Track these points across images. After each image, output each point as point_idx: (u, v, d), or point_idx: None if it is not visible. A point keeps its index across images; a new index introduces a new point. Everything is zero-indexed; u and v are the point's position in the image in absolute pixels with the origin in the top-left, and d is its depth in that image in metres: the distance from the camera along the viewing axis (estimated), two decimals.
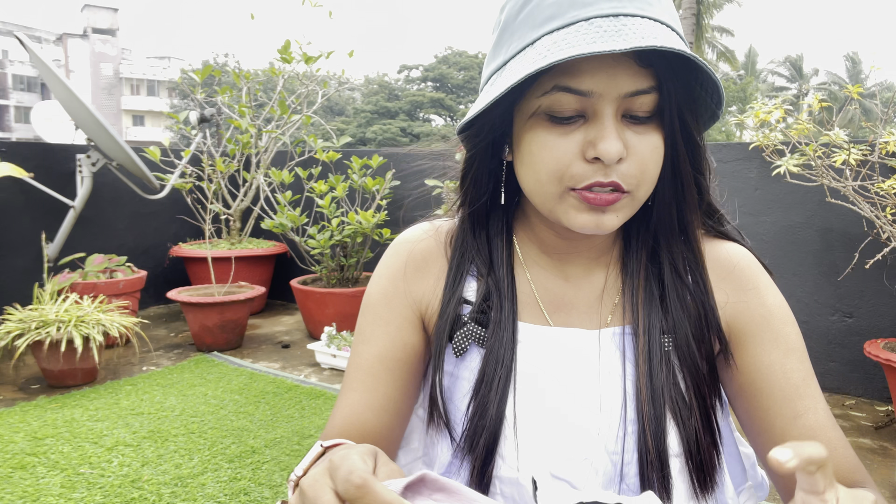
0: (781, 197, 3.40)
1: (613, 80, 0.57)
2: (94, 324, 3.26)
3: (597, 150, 0.58)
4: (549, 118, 0.61)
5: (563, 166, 0.60)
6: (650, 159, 0.61)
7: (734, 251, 0.74)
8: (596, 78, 0.57)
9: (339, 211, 4.49)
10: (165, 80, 50.91)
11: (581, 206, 0.62)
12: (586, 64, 0.57)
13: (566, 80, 0.58)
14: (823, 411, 0.68)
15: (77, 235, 4.55)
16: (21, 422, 2.83)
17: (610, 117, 0.58)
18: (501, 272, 0.74)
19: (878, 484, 2.39)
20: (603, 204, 0.61)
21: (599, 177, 0.59)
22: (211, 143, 5.31)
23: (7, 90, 48.27)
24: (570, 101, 0.59)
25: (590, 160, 0.59)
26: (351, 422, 0.73)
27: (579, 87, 0.58)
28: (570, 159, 0.60)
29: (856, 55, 37.18)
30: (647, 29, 0.55)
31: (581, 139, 0.60)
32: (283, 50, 4.94)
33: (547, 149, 0.61)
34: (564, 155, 0.60)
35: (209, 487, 2.27)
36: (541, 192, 0.64)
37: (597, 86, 0.58)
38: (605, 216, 0.62)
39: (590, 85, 0.58)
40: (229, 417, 2.92)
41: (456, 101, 39.74)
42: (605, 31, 0.54)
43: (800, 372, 0.68)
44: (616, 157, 0.58)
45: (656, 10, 0.57)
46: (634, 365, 0.68)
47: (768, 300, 0.71)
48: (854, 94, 2.92)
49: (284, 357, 3.95)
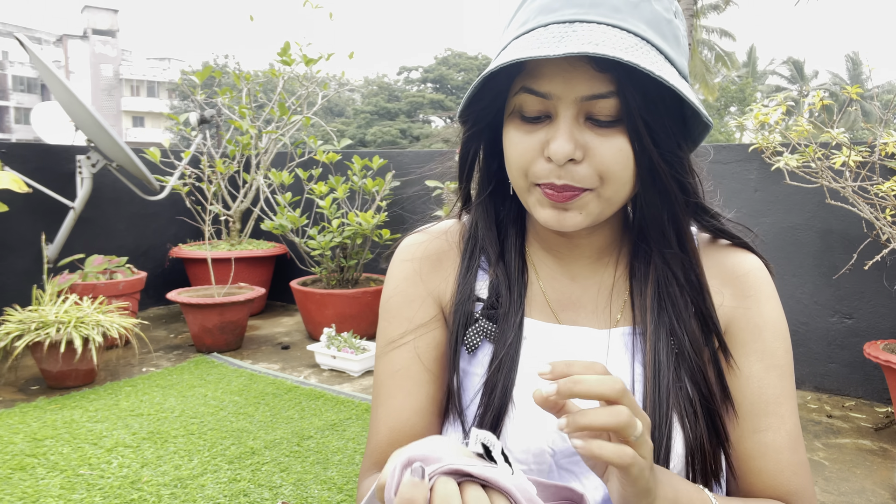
0: (781, 198, 3.41)
1: (569, 83, 0.59)
2: (93, 325, 3.25)
3: (549, 149, 0.61)
4: (521, 117, 0.64)
5: (526, 162, 0.63)
6: (612, 161, 0.61)
7: (746, 261, 0.74)
8: (554, 81, 0.60)
9: (339, 212, 4.49)
10: (165, 82, 50.94)
11: (544, 201, 0.64)
12: (546, 68, 0.60)
13: (530, 82, 0.61)
14: (787, 433, 0.69)
15: (77, 236, 4.56)
16: (20, 423, 2.82)
17: (566, 119, 0.60)
18: (511, 259, 0.75)
19: (878, 485, 2.39)
20: (560, 201, 0.63)
21: (553, 178, 0.62)
22: (211, 145, 5.31)
23: (7, 91, 48.28)
24: (534, 103, 0.62)
25: (546, 158, 0.62)
26: (398, 428, 0.73)
27: (539, 90, 0.61)
28: (532, 156, 0.63)
29: (857, 56, 37.21)
30: (596, 35, 0.55)
31: (542, 138, 0.62)
32: (283, 52, 4.94)
33: (514, 145, 0.64)
34: (527, 152, 0.63)
35: (209, 489, 2.27)
36: (515, 184, 0.67)
37: (554, 89, 0.60)
38: (567, 213, 0.64)
39: (548, 87, 0.60)
40: (229, 419, 2.92)
41: (455, 103, 39.75)
42: (553, 36, 0.56)
43: (776, 389, 0.69)
44: (563, 158, 0.60)
45: (622, 17, 0.58)
46: (642, 365, 0.69)
47: (765, 312, 0.72)
48: (853, 94, 2.92)
49: (284, 358, 3.95)
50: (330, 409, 3.07)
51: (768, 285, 0.74)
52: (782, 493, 0.68)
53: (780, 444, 0.68)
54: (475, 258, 0.77)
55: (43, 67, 3.98)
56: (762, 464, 0.68)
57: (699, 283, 0.71)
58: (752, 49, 38.01)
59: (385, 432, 0.74)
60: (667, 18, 0.61)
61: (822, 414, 3.11)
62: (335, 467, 2.46)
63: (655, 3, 0.60)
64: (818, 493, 2.32)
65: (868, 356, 2.79)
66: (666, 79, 0.55)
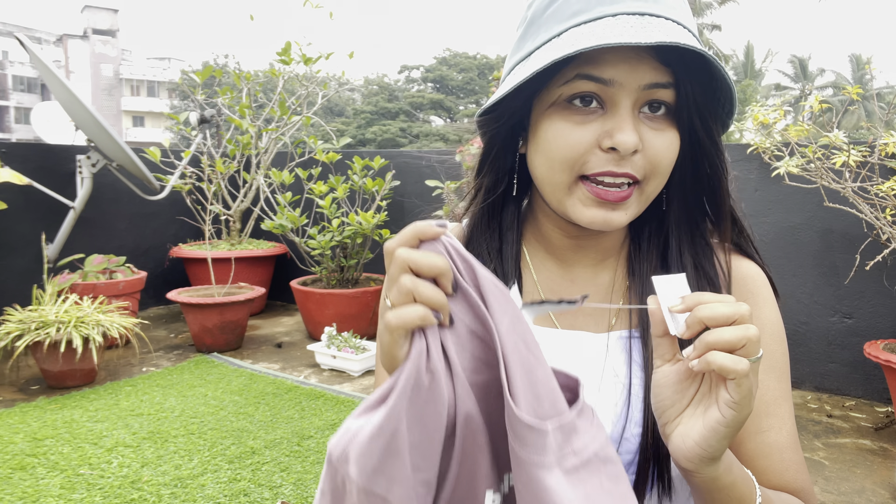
0: (781, 198, 3.41)
1: (634, 71, 0.59)
2: (93, 325, 3.26)
3: (613, 139, 0.59)
4: (569, 107, 0.62)
5: (578, 154, 0.62)
6: (664, 155, 0.62)
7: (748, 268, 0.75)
8: (618, 68, 0.59)
9: (339, 212, 4.49)
10: (165, 81, 50.93)
11: (589, 200, 0.63)
12: (609, 55, 0.59)
13: (588, 68, 0.60)
14: (787, 432, 0.70)
15: (77, 236, 4.55)
16: (21, 423, 2.82)
17: (627, 108, 0.60)
18: (510, 267, 0.74)
19: (878, 485, 2.39)
20: (614, 200, 0.62)
21: (612, 166, 0.61)
22: (211, 144, 5.31)
23: (7, 91, 48.28)
24: (590, 87, 0.61)
25: (605, 150, 0.61)
26: None
27: (601, 76, 0.60)
28: (586, 148, 0.61)
29: (860, 56, 37.14)
30: (670, 29, 0.57)
31: (598, 129, 0.61)
32: (284, 52, 4.94)
33: (563, 136, 0.62)
34: (579, 143, 0.61)
35: (209, 488, 2.27)
36: (552, 180, 0.65)
37: (618, 75, 0.59)
38: (614, 213, 0.63)
39: (611, 74, 0.59)
40: (229, 418, 2.92)
41: (455, 103, 39.77)
42: (630, 26, 0.57)
43: (775, 391, 0.70)
44: (632, 148, 0.59)
45: (678, 14, 0.60)
46: (641, 368, 0.69)
47: (763, 315, 0.72)
48: (854, 94, 2.92)
49: (284, 358, 3.95)
50: (330, 408, 3.07)
51: (766, 289, 0.74)
52: (789, 491, 0.69)
53: (783, 444, 0.69)
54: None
55: (43, 67, 3.98)
56: (767, 463, 0.69)
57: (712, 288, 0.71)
58: (748, 47, 37.90)
59: None
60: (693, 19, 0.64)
61: (823, 414, 3.11)
62: None
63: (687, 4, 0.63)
64: (818, 492, 2.32)
65: (868, 356, 2.79)
66: (728, 76, 0.58)
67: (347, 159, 4.90)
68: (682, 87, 0.61)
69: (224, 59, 40.60)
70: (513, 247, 0.76)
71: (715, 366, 0.49)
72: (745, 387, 0.50)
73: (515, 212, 0.77)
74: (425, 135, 34.91)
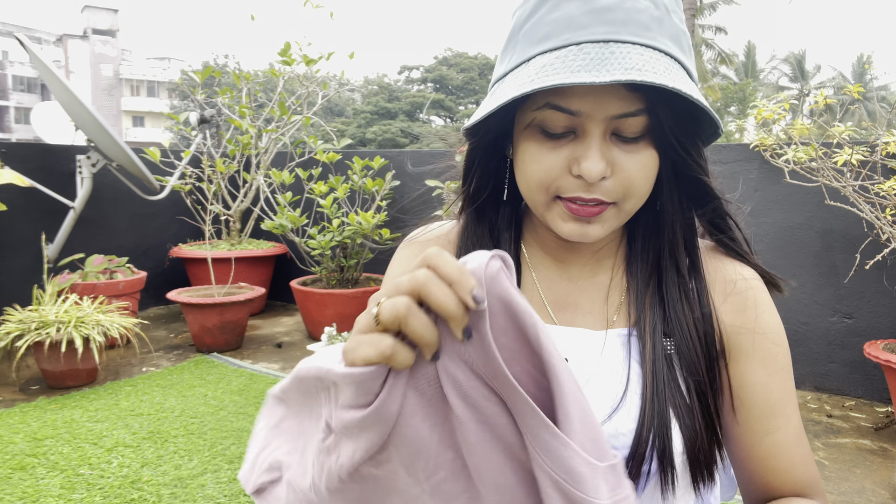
0: (781, 198, 3.40)
1: (601, 103, 0.60)
2: (93, 325, 3.26)
3: (580, 167, 0.61)
4: (542, 132, 0.63)
5: (551, 179, 0.63)
6: (638, 176, 0.63)
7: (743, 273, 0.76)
8: (584, 100, 0.60)
9: (339, 212, 4.49)
10: (165, 81, 50.94)
11: (566, 215, 0.65)
12: (577, 86, 0.59)
13: (557, 99, 0.60)
14: (794, 429, 0.72)
15: (77, 236, 4.56)
16: (21, 423, 2.82)
17: (596, 137, 0.61)
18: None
19: (878, 485, 2.39)
20: (586, 215, 0.64)
21: (581, 192, 0.62)
22: (211, 144, 5.31)
23: (7, 91, 48.30)
24: (560, 119, 0.61)
25: (575, 175, 0.62)
26: None
27: (569, 107, 0.60)
28: (557, 173, 0.63)
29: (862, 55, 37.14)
30: (634, 59, 0.56)
31: (568, 155, 0.62)
32: (284, 52, 4.94)
33: (536, 161, 0.64)
34: (552, 168, 0.63)
35: (209, 488, 2.27)
36: (531, 198, 0.67)
37: (585, 107, 0.60)
38: (590, 226, 0.65)
39: (578, 106, 0.60)
40: (229, 418, 2.92)
41: (455, 103, 39.77)
42: (591, 58, 0.56)
43: (780, 392, 0.72)
44: (597, 177, 0.60)
45: (652, 35, 0.58)
46: (640, 364, 0.69)
47: (764, 319, 0.73)
48: (855, 93, 2.92)
49: (284, 358, 3.95)
50: None
51: (765, 293, 0.75)
52: (800, 486, 0.71)
53: (790, 441, 0.71)
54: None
55: (43, 67, 3.99)
56: (777, 462, 0.71)
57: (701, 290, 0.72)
58: (749, 46, 37.86)
59: None
60: (683, 30, 0.62)
61: (823, 414, 3.11)
62: None
63: (674, 15, 0.62)
64: None
65: (868, 356, 2.79)
66: (700, 100, 0.57)
67: (347, 159, 4.90)
68: (653, 113, 0.61)
69: (224, 60, 40.62)
70: (510, 246, 0.77)
71: None
72: None
73: (513, 213, 0.78)
74: (426, 135, 34.92)
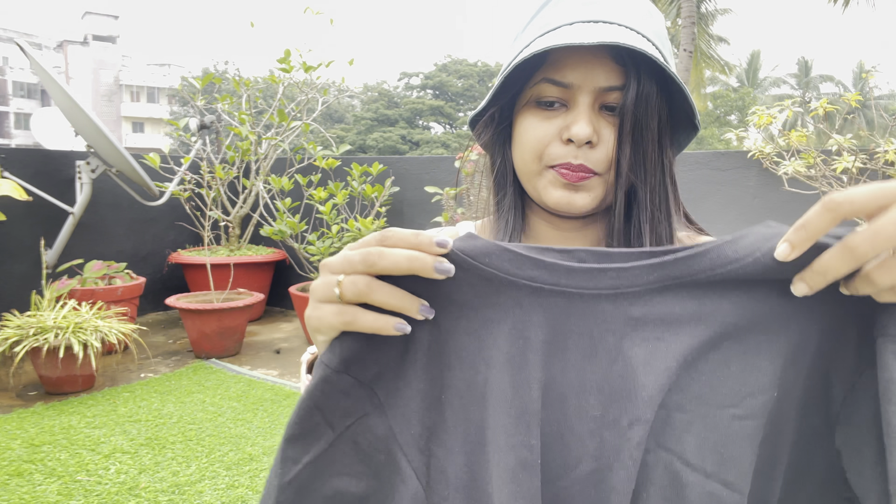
0: (780, 205, 3.41)
1: (590, 74, 0.66)
2: (92, 330, 3.25)
3: (570, 131, 0.67)
4: (537, 105, 0.70)
5: (543, 146, 0.69)
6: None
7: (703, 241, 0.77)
8: (576, 71, 0.66)
9: (339, 218, 4.49)
10: (165, 87, 51.00)
11: (557, 181, 0.70)
12: (569, 59, 0.67)
13: (552, 73, 0.67)
14: None
15: (76, 242, 4.55)
16: (18, 429, 2.81)
17: (585, 106, 0.67)
18: None
19: None
20: (575, 180, 0.68)
21: (570, 158, 0.68)
22: (210, 150, 5.32)
23: (7, 97, 48.35)
24: (554, 91, 0.68)
25: (564, 142, 0.68)
26: None
27: (562, 80, 0.67)
28: (549, 140, 0.69)
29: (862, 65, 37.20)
30: (619, 33, 0.63)
31: (560, 123, 0.69)
32: (284, 59, 4.95)
33: (531, 130, 0.70)
34: (545, 136, 0.69)
35: (206, 495, 2.26)
36: (525, 170, 0.72)
37: (576, 78, 0.67)
38: (577, 194, 0.70)
39: (570, 78, 0.67)
40: (227, 425, 2.91)
41: (455, 109, 39.85)
42: (580, 31, 0.63)
43: None
44: (584, 139, 0.66)
45: (636, 22, 0.66)
46: None
47: None
48: (853, 102, 2.93)
49: (283, 364, 3.94)
50: None
51: None
52: None
53: None
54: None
55: (43, 73, 3.99)
56: None
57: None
58: (752, 55, 37.91)
59: None
60: (665, 36, 0.70)
61: None
62: None
63: (658, 21, 0.69)
64: None
65: None
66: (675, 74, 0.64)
67: (346, 166, 4.90)
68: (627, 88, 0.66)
69: (224, 66, 40.72)
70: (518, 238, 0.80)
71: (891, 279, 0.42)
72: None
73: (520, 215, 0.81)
74: (426, 142, 34.96)
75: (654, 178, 0.70)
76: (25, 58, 4.06)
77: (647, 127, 0.67)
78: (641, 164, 0.69)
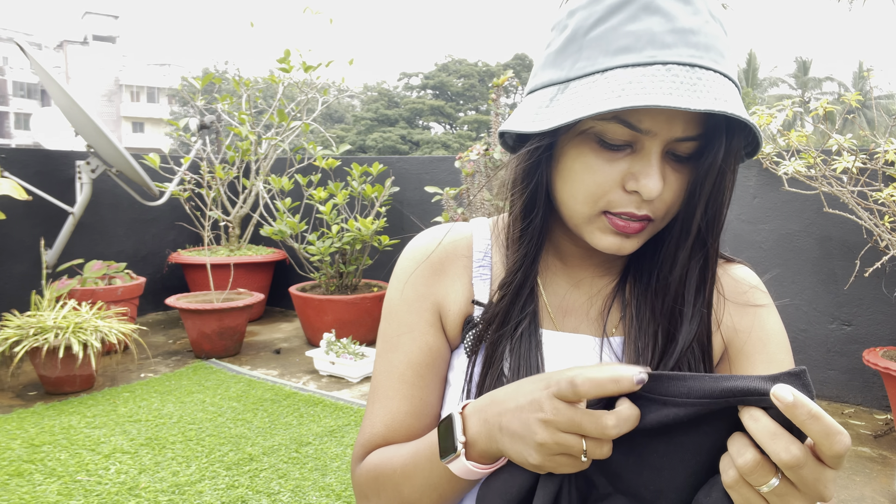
0: (780, 205, 3.41)
1: (670, 124, 0.59)
2: (92, 330, 3.25)
3: (638, 184, 0.61)
4: (599, 142, 0.62)
5: (602, 192, 0.63)
6: (680, 195, 0.65)
7: (744, 274, 0.77)
8: (656, 120, 0.59)
9: (339, 218, 4.49)
10: (165, 87, 50.99)
11: (608, 229, 0.65)
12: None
13: (626, 114, 0.59)
14: None
15: (76, 242, 4.55)
16: (18, 429, 2.82)
17: (657, 156, 0.61)
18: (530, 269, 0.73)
19: (878, 493, 2.39)
20: (631, 231, 0.64)
21: (633, 208, 0.62)
22: (210, 150, 5.32)
23: (7, 96, 48.34)
24: (624, 135, 0.60)
25: (629, 191, 0.62)
26: (395, 428, 0.75)
27: (638, 125, 0.59)
28: (610, 186, 0.62)
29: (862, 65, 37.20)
30: (718, 88, 0.56)
31: (625, 169, 0.62)
32: (283, 59, 4.95)
33: (590, 171, 0.62)
34: (605, 181, 0.62)
35: (206, 495, 2.27)
36: (574, 209, 0.66)
37: (654, 126, 0.59)
38: (628, 241, 0.65)
39: (648, 125, 0.59)
40: (227, 425, 2.91)
41: (455, 109, 39.85)
42: (681, 82, 0.55)
43: None
44: (656, 195, 0.60)
45: (726, 65, 0.59)
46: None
47: (768, 325, 0.74)
48: (853, 101, 2.93)
49: (283, 364, 3.94)
50: (328, 415, 3.06)
51: (767, 297, 0.76)
52: None
53: None
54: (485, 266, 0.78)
55: (43, 73, 3.99)
56: None
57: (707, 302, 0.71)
58: (751, 55, 37.85)
59: (382, 428, 0.75)
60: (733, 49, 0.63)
61: None
62: (333, 474, 2.45)
63: (732, 43, 0.62)
64: None
65: (867, 363, 2.79)
66: (759, 133, 0.60)
67: (346, 165, 4.91)
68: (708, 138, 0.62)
69: (224, 66, 40.72)
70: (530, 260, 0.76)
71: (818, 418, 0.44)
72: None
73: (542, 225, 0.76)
74: (426, 142, 34.95)
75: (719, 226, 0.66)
76: (25, 58, 4.06)
77: (728, 182, 0.63)
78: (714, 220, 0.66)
